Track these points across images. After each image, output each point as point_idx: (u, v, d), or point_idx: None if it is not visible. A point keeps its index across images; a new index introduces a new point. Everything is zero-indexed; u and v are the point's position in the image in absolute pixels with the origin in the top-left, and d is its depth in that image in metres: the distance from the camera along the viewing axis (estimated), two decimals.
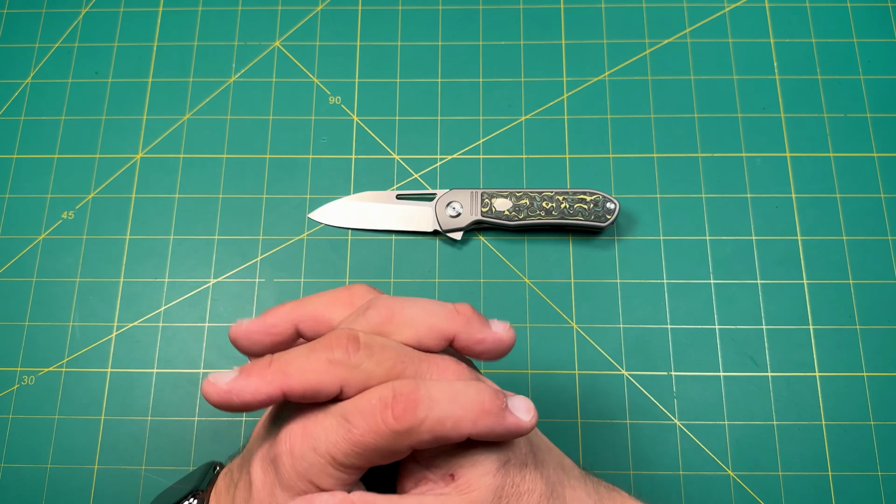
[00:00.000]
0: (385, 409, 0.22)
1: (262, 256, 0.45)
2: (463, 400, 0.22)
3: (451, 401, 0.22)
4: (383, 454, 0.22)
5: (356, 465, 0.22)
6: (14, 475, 0.41)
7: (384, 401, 0.22)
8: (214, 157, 0.47)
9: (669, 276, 0.43)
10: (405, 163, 0.46)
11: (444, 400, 0.22)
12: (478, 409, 0.22)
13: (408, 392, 0.22)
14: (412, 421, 0.21)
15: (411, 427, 0.21)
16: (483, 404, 0.23)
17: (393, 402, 0.22)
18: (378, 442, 0.22)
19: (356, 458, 0.22)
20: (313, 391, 0.22)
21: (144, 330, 0.43)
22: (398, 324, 0.24)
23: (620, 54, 0.48)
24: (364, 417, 0.22)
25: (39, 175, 0.46)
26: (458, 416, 0.22)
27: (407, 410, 0.21)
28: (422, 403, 0.22)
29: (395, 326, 0.24)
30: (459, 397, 0.22)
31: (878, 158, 0.45)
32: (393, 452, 0.22)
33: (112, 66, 0.49)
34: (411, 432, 0.22)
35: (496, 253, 0.44)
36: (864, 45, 0.48)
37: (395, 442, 0.22)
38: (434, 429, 0.22)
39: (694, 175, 0.45)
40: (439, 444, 0.22)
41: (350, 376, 0.22)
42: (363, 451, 0.22)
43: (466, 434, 0.22)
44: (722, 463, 0.40)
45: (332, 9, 0.50)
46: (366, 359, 0.23)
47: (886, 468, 0.40)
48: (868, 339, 0.42)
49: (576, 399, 0.41)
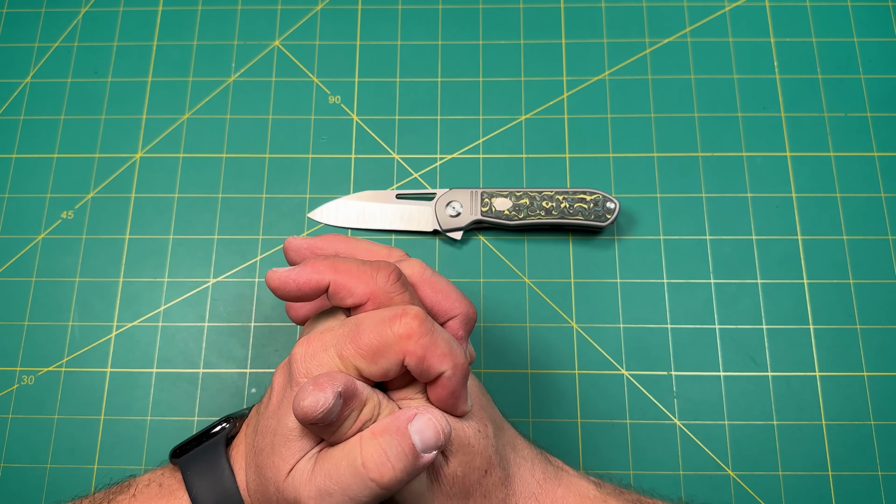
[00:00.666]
0: (394, 319, 0.25)
1: (261, 256, 0.45)
2: (454, 348, 0.26)
3: (445, 340, 0.26)
4: (380, 356, 0.25)
5: (354, 367, 0.25)
6: (14, 475, 0.41)
7: (395, 313, 0.25)
8: (214, 156, 0.47)
9: (669, 276, 0.43)
10: (405, 162, 0.46)
11: (441, 337, 0.26)
12: (459, 361, 0.26)
13: (416, 311, 0.26)
14: (414, 331, 0.25)
15: (411, 335, 0.25)
16: (464, 362, 0.26)
17: (402, 312, 0.25)
18: (380, 343, 0.25)
19: (356, 358, 0.25)
20: (349, 290, 0.27)
21: (144, 330, 0.43)
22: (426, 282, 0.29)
23: (620, 54, 0.48)
24: (373, 323, 0.25)
25: (39, 175, 0.46)
26: (445, 352, 0.26)
27: (412, 322, 0.25)
28: (426, 324, 0.25)
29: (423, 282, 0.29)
30: (452, 345, 0.26)
31: (878, 158, 0.45)
32: (387, 360, 0.25)
33: (111, 65, 0.49)
34: (410, 340, 0.25)
35: (496, 253, 0.44)
36: (865, 45, 0.48)
37: (393, 346, 0.25)
38: (426, 348, 0.25)
39: (694, 175, 0.45)
40: (422, 369, 0.26)
41: (380, 295, 0.27)
42: (364, 352, 0.25)
43: (442, 371, 0.26)
44: (722, 463, 0.40)
45: (332, 8, 0.50)
46: (398, 292, 0.27)
47: (886, 468, 0.40)
48: (868, 339, 0.42)
49: (576, 399, 0.41)
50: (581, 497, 0.30)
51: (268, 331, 0.43)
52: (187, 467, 0.28)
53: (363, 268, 0.27)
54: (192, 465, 0.28)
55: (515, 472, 0.29)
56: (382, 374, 0.26)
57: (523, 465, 0.29)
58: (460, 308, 0.29)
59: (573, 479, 0.30)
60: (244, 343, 0.43)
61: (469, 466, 0.27)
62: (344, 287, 0.27)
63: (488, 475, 0.27)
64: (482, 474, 0.27)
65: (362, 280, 0.27)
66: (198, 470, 0.28)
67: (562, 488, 0.30)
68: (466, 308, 0.30)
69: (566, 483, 0.30)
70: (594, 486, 0.31)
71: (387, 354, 0.25)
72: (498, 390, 0.41)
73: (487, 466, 0.27)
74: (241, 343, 0.43)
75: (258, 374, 0.42)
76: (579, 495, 0.30)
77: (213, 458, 0.28)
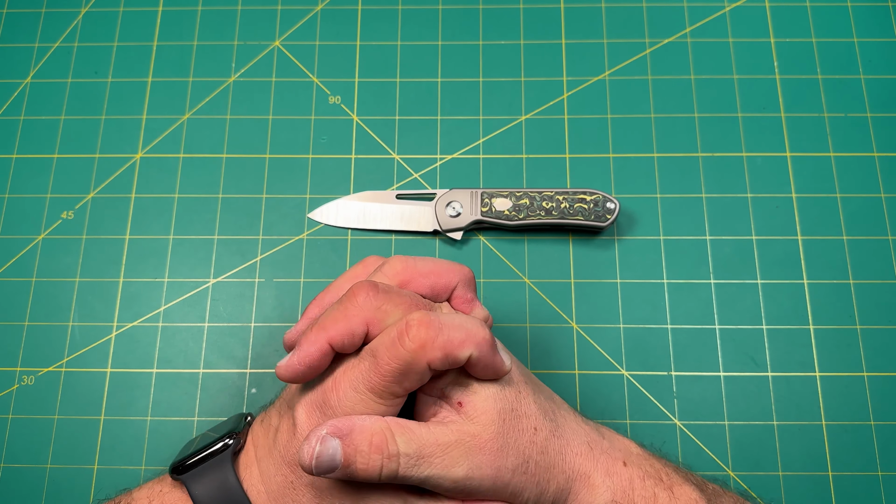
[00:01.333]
0: (402, 336, 0.25)
1: (261, 256, 0.45)
2: (468, 327, 0.26)
3: (458, 326, 0.26)
4: (408, 375, 0.26)
5: (391, 394, 0.26)
6: (14, 475, 0.41)
7: (400, 329, 0.26)
8: (214, 156, 0.47)
9: (669, 276, 0.43)
10: (405, 162, 0.46)
11: (451, 326, 0.26)
12: (479, 337, 0.26)
13: (419, 317, 0.26)
14: (424, 338, 0.25)
15: (425, 344, 0.25)
16: (484, 334, 0.27)
17: (407, 326, 0.26)
18: (401, 365, 0.25)
19: (387, 386, 0.26)
20: (349, 335, 0.27)
21: (144, 330, 0.43)
22: (414, 273, 0.29)
23: (620, 54, 0.48)
24: (386, 348, 0.26)
25: (39, 175, 0.46)
26: (462, 338, 0.26)
27: (420, 331, 0.25)
28: (433, 325, 0.26)
29: (411, 275, 0.29)
30: (465, 324, 0.26)
31: (878, 158, 0.45)
32: (415, 373, 0.26)
33: (112, 65, 0.49)
34: (426, 349, 0.25)
35: (496, 253, 0.44)
36: (865, 45, 0.48)
37: (414, 361, 0.25)
38: (445, 346, 0.25)
39: (694, 175, 0.45)
40: (449, 363, 0.26)
41: (373, 316, 0.27)
42: (392, 379, 0.26)
43: (468, 355, 0.26)
44: (722, 463, 0.40)
45: (332, 8, 0.50)
46: (385, 301, 0.27)
47: (886, 468, 0.40)
48: (868, 339, 0.42)
49: (576, 399, 0.41)
50: (626, 451, 0.31)
51: (268, 331, 0.43)
52: (193, 484, 0.28)
53: (342, 306, 0.27)
54: (198, 482, 0.28)
55: (563, 423, 0.30)
56: (417, 384, 0.27)
57: (568, 416, 0.30)
58: (456, 276, 0.30)
59: (614, 436, 0.32)
60: (244, 343, 0.43)
61: (518, 429, 0.27)
62: (341, 336, 0.27)
63: (538, 432, 0.28)
64: (532, 432, 0.28)
65: (349, 317, 0.27)
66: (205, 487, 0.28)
67: (606, 441, 0.30)
68: (461, 272, 0.30)
69: (609, 437, 0.31)
70: (635, 444, 0.32)
71: (412, 372, 0.26)
72: None
73: (535, 424, 0.28)
74: (241, 343, 0.43)
75: (258, 374, 0.42)
76: (624, 449, 0.31)
77: (221, 475, 0.28)
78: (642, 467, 0.30)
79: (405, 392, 0.27)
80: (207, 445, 0.30)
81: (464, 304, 0.30)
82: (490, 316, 0.31)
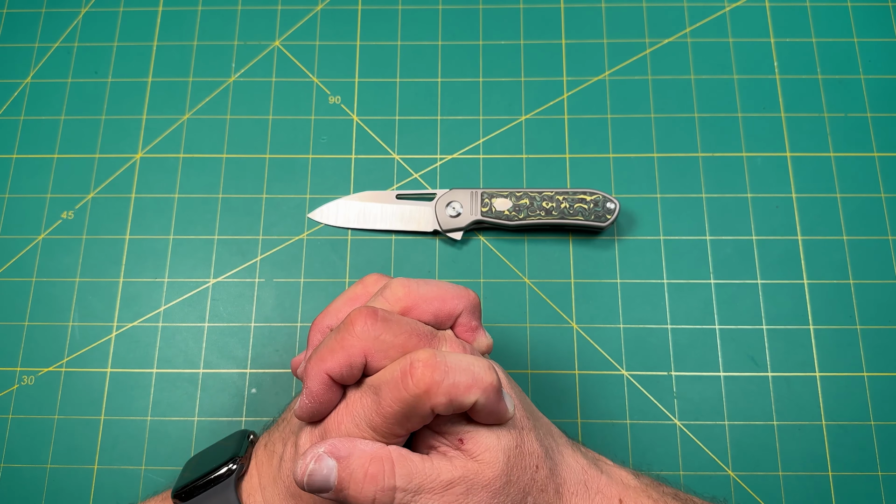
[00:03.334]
0: (405, 377, 0.24)
1: (261, 256, 0.45)
2: (475, 370, 0.25)
3: (464, 369, 0.25)
4: (410, 418, 0.25)
5: (392, 434, 0.25)
6: (14, 475, 0.41)
7: (404, 370, 0.24)
8: (214, 156, 0.47)
9: (669, 276, 0.43)
10: (405, 162, 0.46)
11: (458, 368, 0.25)
12: (486, 383, 0.25)
13: (425, 358, 0.24)
14: (429, 383, 0.24)
15: (429, 388, 0.24)
16: (491, 379, 0.25)
17: (411, 368, 0.24)
18: (403, 408, 0.24)
19: (389, 426, 0.25)
20: (346, 367, 0.26)
21: (144, 330, 0.43)
22: (417, 299, 0.28)
23: (620, 54, 0.48)
24: (389, 388, 0.25)
25: (39, 175, 0.46)
26: (469, 383, 0.25)
27: (425, 374, 0.24)
28: (438, 368, 0.24)
29: (413, 301, 0.28)
30: (472, 368, 0.25)
31: (878, 158, 0.45)
32: (418, 416, 0.25)
33: (112, 65, 0.49)
34: (430, 394, 0.24)
35: (496, 253, 0.44)
36: (865, 45, 0.48)
37: (417, 405, 0.24)
38: (450, 391, 0.24)
39: (694, 175, 0.45)
40: (453, 409, 0.25)
41: (371, 346, 0.26)
42: (394, 419, 0.25)
43: (474, 401, 0.25)
44: (722, 463, 0.40)
45: (332, 8, 0.50)
46: (384, 330, 0.26)
47: (886, 468, 0.40)
48: (868, 339, 0.42)
49: (576, 399, 0.41)
50: (623, 485, 0.30)
51: (268, 331, 0.43)
52: None
53: (339, 336, 0.26)
54: None
55: (560, 461, 0.29)
56: (421, 425, 0.26)
57: (566, 452, 0.30)
58: (462, 303, 0.29)
59: (612, 468, 0.31)
60: (244, 343, 0.43)
61: (521, 467, 0.27)
62: (339, 367, 0.26)
63: (539, 470, 0.27)
64: (534, 470, 0.27)
65: (346, 347, 0.26)
66: None
67: (604, 475, 0.30)
68: (467, 298, 0.29)
69: (606, 471, 0.30)
70: (633, 475, 0.31)
71: (415, 415, 0.25)
72: None
73: (537, 462, 0.27)
74: (241, 343, 0.43)
75: (258, 374, 0.42)
76: (622, 483, 0.30)
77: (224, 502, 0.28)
78: (639, 502, 0.29)
79: (407, 432, 0.26)
80: (211, 471, 0.29)
81: (468, 332, 0.29)
82: (492, 343, 0.30)
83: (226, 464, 0.29)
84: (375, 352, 0.26)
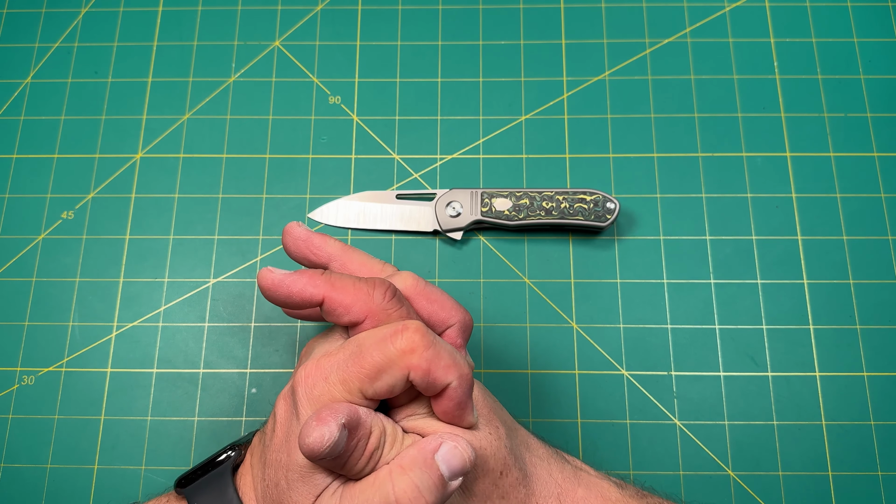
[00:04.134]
0: (395, 334, 0.25)
1: (261, 256, 0.45)
2: (456, 357, 0.26)
3: (448, 352, 0.25)
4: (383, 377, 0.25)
5: (359, 390, 0.25)
6: (14, 475, 0.41)
7: (396, 328, 0.25)
8: (214, 156, 0.47)
9: (669, 276, 0.43)
10: (405, 162, 0.46)
11: (443, 347, 0.25)
12: (464, 371, 0.26)
13: (416, 325, 0.25)
14: (416, 344, 0.25)
15: (414, 349, 0.25)
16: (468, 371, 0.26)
17: (403, 328, 0.25)
18: (383, 361, 0.25)
19: (360, 380, 0.25)
20: (346, 308, 0.26)
21: (144, 330, 0.43)
22: (421, 293, 0.29)
23: (620, 54, 0.48)
24: (375, 341, 0.25)
25: (39, 175, 0.46)
26: (450, 363, 0.25)
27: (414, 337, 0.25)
28: (427, 336, 0.25)
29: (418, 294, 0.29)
30: (454, 355, 0.26)
31: (878, 158, 0.45)
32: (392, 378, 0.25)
33: (112, 65, 0.49)
34: (413, 354, 0.25)
35: (496, 253, 0.44)
36: (865, 45, 0.48)
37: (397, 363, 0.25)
38: (431, 361, 0.25)
39: (694, 175, 0.45)
40: (427, 383, 0.25)
41: (378, 312, 0.26)
42: (368, 372, 0.25)
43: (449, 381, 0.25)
44: (722, 463, 0.40)
45: (332, 8, 0.50)
46: (395, 308, 0.27)
47: (886, 468, 0.40)
48: (868, 339, 0.42)
49: (576, 399, 0.41)
50: (603, 499, 0.29)
51: (268, 331, 0.43)
52: (194, 497, 0.28)
53: (360, 285, 0.27)
54: (199, 495, 0.28)
55: (533, 472, 0.29)
56: (388, 391, 0.25)
57: (540, 464, 0.29)
58: (457, 316, 0.29)
59: (593, 480, 0.30)
60: (244, 343, 0.43)
61: (482, 470, 0.27)
62: (340, 304, 0.26)
63: (504, 476, 0.27)
64: (497, 476, 0.27)
65: (359, 298, 0.26)
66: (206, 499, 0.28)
67: (582, 488, 0.29)
68: (463, 316, 0.30)
69: (586, 483, 0.30)
70: (616, 487, 0.30)
71: (391, 371, 0.25)
72: (498, 390, 0.41)
73: (503, 468, 0.27)
74: (241, 343, 0.43)
75: (258, 374, 0.42)
76: (601, 497, 0.29)
77: (221, 487, 0.28)
78: None
79: (373, 395, 0.25)
80: (211, 458, 0.30)
81: None
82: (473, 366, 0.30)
83: (225, 451, 0.30)
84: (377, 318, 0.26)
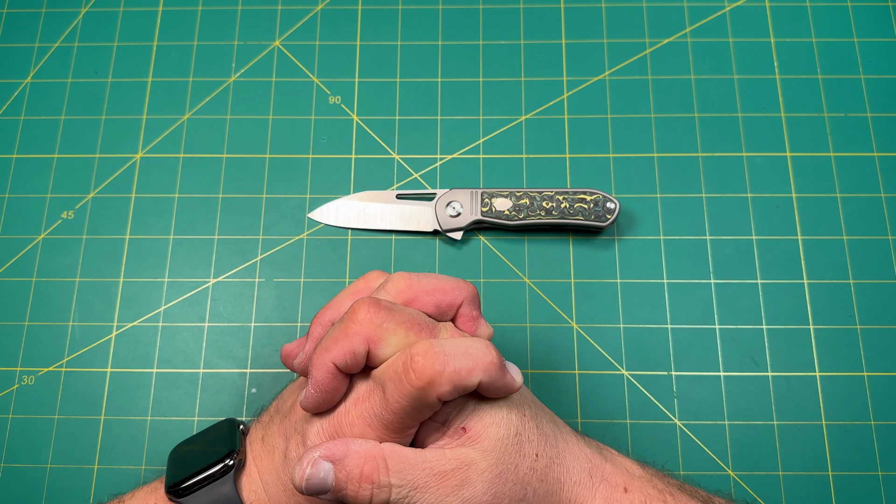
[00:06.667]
0: (408, 371, 0.25)
1: (261, 256, 0.45)
2: (474, 352, 0.26)
3: (463, 353, 0.25)
4: (418, 410, 0.25)
5: (403, 427, 0.26)
6: (14, 475, 0.41)
7: (405, 363, 0.25)
8: (214, 156, 0.47)
9: (669, 276, 0.43)
10: (405, 162, 0.46)
11: (457, 353, 0.25)
12: (487, 361, 0.26)
13: (424, 350, 0.25)
14: (431, 374, 0.25)
15: (432, 379, 0.25)
16: (491, 357, 0.26)
17: (412, 362, 0.25)
18: (408, 402, 0.25)
19: (399, 420, 0.26)
20: (350, 354, 0.26)
21: (144, 330, 0.43)
22: (418, 291, 0.28)
23: (620, 54, 0.48)
24: (393, 383, 0.25)
25: (39, 175, 0.46)
26: (470, 366, 0.25)
27: (426, 366, 0.25)
28: (438, 358, 0.25)
29: (415, 293, 0.28)
30: (471, 350, 0.26)
31: (878, 158, 0.45)
32: (425, 406, 0.25)
33: (112, 65, 0.49)
34: (434, 384, 0.25)
35: (496, 253, 0.44)
36: (865, 45, 0.48)
37: (422, 397, 0.25)
38: (452, 378, 0.25)
39: (694, 175, 0.45)
40: (458, 393, 0.25)
41: (374, 334, 0.26)
42: (402, 413, 0.25)
43: (478, 382, 0.25)
44: (722, 463, 0.40)
45: (332, 8, 0.50)
46: (386, 318, 0.26)
47: (886, 468, 0.40)
48: (868, 339, 0.42)
49: (576, 399, 0.41)
50: (628, 474, 0.30)
51: (268, 331, 0.43)
52: None
53: (343, 325, 0.27)
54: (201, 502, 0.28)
55: (564, 449, 0.29)
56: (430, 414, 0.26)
57: (570, 440, 0.30)
58: (461, 293, 0.29)
59: (616, 457, 0.31)
60: (244, 343, 0.43)
61: (518, 455, 0.27)
62: (343, 355, 0.26)
63: (539, 458, 0.28)
64: (534, 459, 0.27)
65: (349, 335, 0.26)
66: None
67: (609, 464, 0.30)
68: (466, 290, 0.30)
69: (611, 459, 0.30)
70: (638, 465, 0.31)
71: (422, 407, 0.25)
72: None
73: (537, 450, 0.28)
74: (241, 343, 0.43)
75: (258, 374, 0.42)
76: (626, 472, 0.30)
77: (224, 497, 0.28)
78: (644, 491, 0.29)
79: (417, 423, 0.27)
80: (207, 466, 0.29)
81: (469, 322, 0.30)
82: (493, 332, 0.31)
83: (223, 459, 0.29)
84: (378, 339, 0.26)
